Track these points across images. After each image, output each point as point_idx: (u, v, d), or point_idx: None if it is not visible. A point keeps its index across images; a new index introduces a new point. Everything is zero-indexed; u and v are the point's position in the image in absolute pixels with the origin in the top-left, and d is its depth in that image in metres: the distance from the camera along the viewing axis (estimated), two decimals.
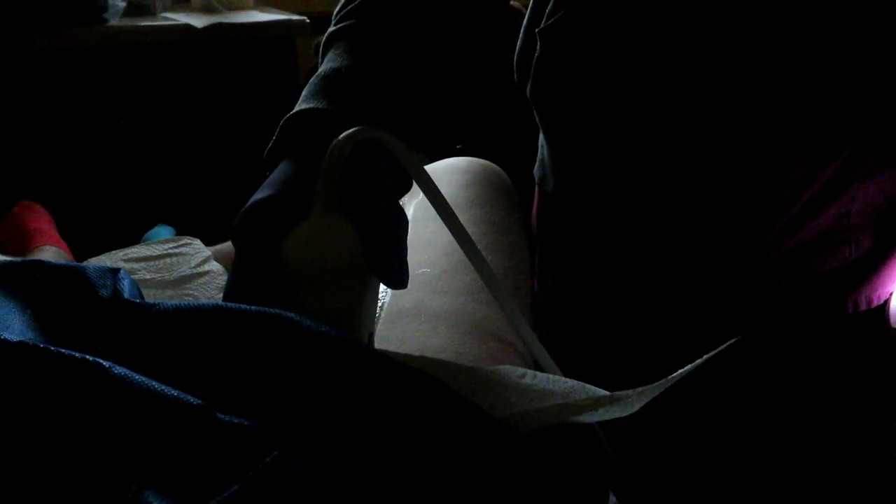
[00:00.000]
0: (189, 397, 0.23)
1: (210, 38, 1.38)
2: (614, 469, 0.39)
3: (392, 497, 0.22)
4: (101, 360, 0.23)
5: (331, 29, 0.47)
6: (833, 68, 0.43)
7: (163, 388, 0.23)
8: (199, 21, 1.37)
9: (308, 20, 1.49)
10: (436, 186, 0.33)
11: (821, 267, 0.47)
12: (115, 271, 0.33)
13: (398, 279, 0.33)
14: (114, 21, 1.33)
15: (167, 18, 1.42)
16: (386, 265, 0.32)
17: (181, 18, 1.40)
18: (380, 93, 0.40)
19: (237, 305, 0.29)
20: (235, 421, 0.24)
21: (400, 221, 0.33)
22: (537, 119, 0.55)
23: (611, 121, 0.49)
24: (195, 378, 0.27)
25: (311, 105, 0.38)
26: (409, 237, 0.34)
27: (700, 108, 0.46)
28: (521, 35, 0.57)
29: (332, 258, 0.31)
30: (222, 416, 0.24)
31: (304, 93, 0.41)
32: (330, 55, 0.44)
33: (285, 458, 0.22)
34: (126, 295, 0.32)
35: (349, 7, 0.47)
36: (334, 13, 0.49)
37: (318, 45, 1.65)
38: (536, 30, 0.51)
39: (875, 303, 0.49)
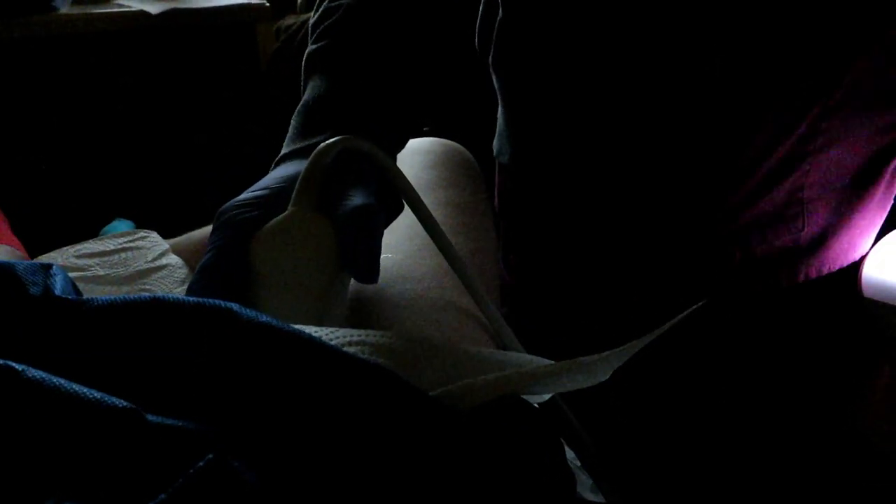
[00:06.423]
0: (113, 399, 0.21)
1: (166, 24, 1.33)
2: (579, 435, 0.38)
3: (334, 495, 0.21)
4: (14, 364, 0.21)
5: (311, 47, 0.46)
6: (797, 35, 0.42)
7: (84, 390, 0.21)
8: (154, 7, 1.33)
9: (268, 4, 1.45)
10: (423, 204, 0.36)
11: (775, 240, 0.47)
12: (46, 267, 0.31)
13: (369, 274, 0.33)
14: (64, 9, 1.28)
15: (121, 5, 1.37)
16: (358, 260, 0.32)
17: (135, 5, 1.36)
18: (362, 118, 0.42)
19: (175, 297, 0.27)
20: (168, 422, 0.22)
21: (376, 217, 0.34)
22: (497, 87, 0.54)
23: (573, 86, 0.48)
24: (130, 377, 0.25)
25: (298, 146, 0.40)
26: None
27: (665, 73, 0.45)
28: (482, 2, 0.55)
29: (305, 250, 0.32)
30: (153, 418, 0.22)
31: (291, 128, 0.42)
32: (313, 82, 0.45)
33: (221, 461, 0.21)
34: (58, 291, 0.30)
35: (327, 22, 0.46)
36: (310, 23, 0.48)
37: (278, 29, 1.61)
38: None
39: (825, 272, 0.49)
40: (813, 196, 0.47)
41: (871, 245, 0.51)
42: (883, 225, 0.51)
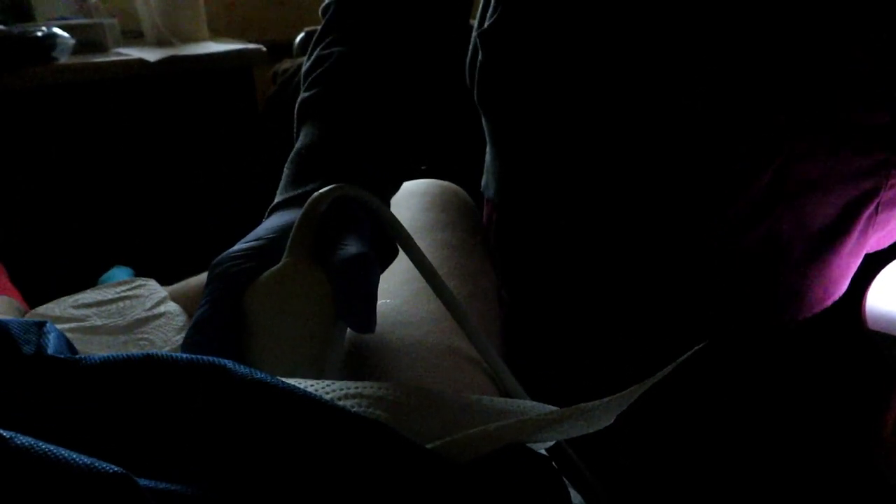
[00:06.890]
0: (104, 464, 0.21)
1: (165, 71, 1.35)
2: (584, 476, 0.37)
3: None
4: (1, 431, 0.20)
5: (303, 95, 0.47)
6: (778, 68, 0.43)
7: (73, 456, 0.20)
8: (152, 55, 1.35)
9: (265, 48, 1.48)
10: (419, 249, 0.36)
11: (753, 289, 0.47)
12: (40, 325, 0.31)
13: (365, 324, 0.32)
14: (64, 59, 1.30)
15: (120, 54, 1.39)
16: (354, 309, 0.32)
17: (134, 53, 1.38)
18: (355, 163, 0.41)
19: (168, 355, 0.27)
20: (161, 486, 0.22)
21: (371, 266, 0.33)
22: (484, 124, 0.55)
23: (553, 123, 0.49)
24: (123, 437, 0.25)
25: (291, 194, 0.39)
26: None
27: (646, 109, 0.45)
28: (470, 42, 0.56)
29: (300, 301, 0.31)
30: (146, 482, 0.22)
31: (284, 176, 0.42)
32: (305, 129, 0.45)
33: None
34: (50, 350, 0.29)
35: (319, 70, 0.47)
36: (303, 71, 0.48)
37: (275, 73, 1.63)
38: (475, 34, 0.51)
39: (799, 319, 0.49)
40: (789, 246, 0.47)
41: (844, 290, 0.51)
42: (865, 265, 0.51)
